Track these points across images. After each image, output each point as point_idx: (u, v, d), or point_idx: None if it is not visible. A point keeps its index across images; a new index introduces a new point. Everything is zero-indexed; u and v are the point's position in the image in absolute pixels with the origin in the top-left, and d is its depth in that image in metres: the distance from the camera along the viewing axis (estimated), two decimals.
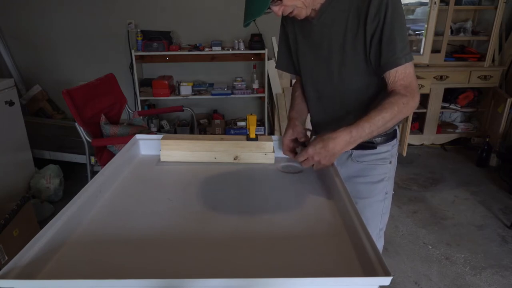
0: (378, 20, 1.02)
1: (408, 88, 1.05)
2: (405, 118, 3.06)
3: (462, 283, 2.05)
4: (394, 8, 1.02)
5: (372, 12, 1.02)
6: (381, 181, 1.26)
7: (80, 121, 2.22)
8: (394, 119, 1.04)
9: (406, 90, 1.05)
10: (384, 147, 1.23)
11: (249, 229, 0.87)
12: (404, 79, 1.05)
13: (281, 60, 1.38)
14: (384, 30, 1.02)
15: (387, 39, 1.03)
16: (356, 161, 1.25)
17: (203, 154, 1.24)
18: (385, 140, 1.22)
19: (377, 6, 1.01)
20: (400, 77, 1.05)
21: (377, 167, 1.25)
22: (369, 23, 1.03)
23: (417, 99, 1.06)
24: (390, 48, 1.04)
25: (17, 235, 1.94)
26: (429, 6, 3.29)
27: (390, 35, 1.02)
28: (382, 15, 1.02)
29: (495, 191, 3.03)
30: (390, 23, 1.02)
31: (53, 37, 3.62)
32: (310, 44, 1.20)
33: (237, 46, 3.57)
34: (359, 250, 0.75)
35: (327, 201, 1.00)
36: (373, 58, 1.08)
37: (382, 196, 1.28)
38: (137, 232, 0.86)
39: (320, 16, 1.12)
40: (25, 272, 0.67)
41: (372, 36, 1.05)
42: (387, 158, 1.25)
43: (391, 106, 1.02)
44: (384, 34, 1.03)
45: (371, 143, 1.20)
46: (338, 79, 1.16)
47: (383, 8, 1.01)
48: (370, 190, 1.26)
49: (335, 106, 1.22)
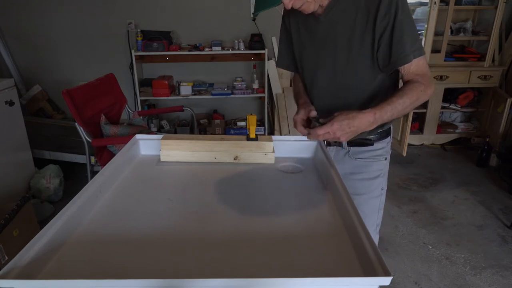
0: (388, 19, 1.06)
1: (424, 76, 1.10)
2: (405, 118, 3.07)
3: (462, 283, 2.05)
4: (403, 8, 1.06)
5: (382, 12, 1.05)
6: (377, 177, 1.30)
7: (80, 121, 2.22)
8: (412, 104, 1.08)
9: (422, 79, 1.09)
10: (379, 144, 1.27)
11: (249, 229, 0.87)
12: (418, 70, 1.10)
13: (282, 59, 1.39)
14: (395, 28, 1.06)
15: (397, 37, 1.07)
16: (353, 158, 1.29)
17: (203, 154, 1.24)
18: (380, 137, 1.26)
19: (387, 6, 1.05)
20: (414, 69, 1.10)
21: (373, 163, 1.29)
22: (378, 22, 1.07)
23: (433, 87, 1.11)
24: (400, 45, 1.07)
25: (17, 235, 1.94)
26: (429, 6, 3.30)
27: (400, 33, 1.06)
28: (392, 15, 1.05)
29: (495, 191, 3.03)
30: (400, 22, 1.06)
31: (53, 37, 3.62)
32: (315, 40, 1.21)
33: (237, 46, 3.57)
34: (359, 250, 0.75)
35: (327, 201, 1.00)
36: (382, 55, 1.11)
37: (379, 192, 1.33)
38: (137, 232, 0.86)
39: (328, 13, 1.15)
40: (25, 272, 0.67)
41: (381, 35, 1.08)
42: (383, 154, 1.29)
43: (410, 92, 1.07)
44: (394, 32, 1.06)
45: (368, 140, 1.24)
46: (342, 75, 1.19)
47: (393, 8, 1.04)
48: (367, 186, 1.30)
49: (338, 101, 1.23)
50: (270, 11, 1.10)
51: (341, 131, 1.02)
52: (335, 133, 1.02)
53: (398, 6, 1.04)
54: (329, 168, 1.09)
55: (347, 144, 1.28)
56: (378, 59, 1.12)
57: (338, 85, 1.21)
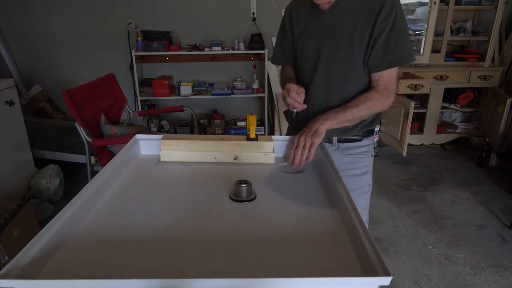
0: (386, 23, 1.13)
1: (386, 89, 1.21)
2: (405, 118, 3.07)
3: (462, 283, 2.05)
4: (401, 16, 1.14)
5: (383, 15, 1.13)
6: (366, 174, 1.37)
7: (80, 121, 2.22)
8: (366, 110, 1.20)
9: (384, 90, 1.20)
10: (366, 141, 1.35)
11: (249, 229, 0.87)
12: (386, 80, 1.21)
13: (276, 54, 1.44)
14: (392, 31, 1.14)
15: (389, 44, 1.15)
16: (344, 154, 1.35)
17: (203, 154, 1.24)
18: (366, 134, 1.35)
19: (388, 10, 1.13)
20: (384, 78, 1.21)
21: (361, 159, 1.36)
22: (377, 25, 1.14)
23: (391, 100, 1.23)
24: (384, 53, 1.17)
25: (17, 235, 1.94)
26: (429, 6, 3.30)
27: (396, 38, 1.15)
28: (391, 20, 1.13)
29: (495, 191, 3.03)
30: (397, 28, 1.14)
31: (53, 37, 3.62)
32: (318, 34, 1.25)
33: (237, 46, 3.57)
34: (359, 250, 0.75)
35: (327, 201, 1.00)
36: (373, 55, 1.19)
37: (367, 188, 1.39)
38: (137, 232, 0.86)
39: (333, 9, 1.20)
40: (25, 272, 0.67)
41: (376, 37, 1.15)
42: (369, 151, 1.37)
43: (364, 100, 1.19)
44: (390, 36, 1.14)
45: (357, 136, 1.33)
46: (340, 69, 1.23)
47: (393, 14, 1.13)
48: (356, 182, 1.35)
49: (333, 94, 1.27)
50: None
51: (304, 136, 1.11)
52: (301, 142, 1.10)
53: (398, 13, 1.13)
54: (329, 168, 1.09)
55: (336, 141, 1.34)
56: (370, 57, 1.19)
57: (336, 78, 1.25)
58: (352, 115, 1.18)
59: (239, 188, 0.99)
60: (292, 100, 1.21)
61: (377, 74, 1.21)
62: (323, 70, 1.26)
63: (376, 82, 1.22)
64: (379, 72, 1.20)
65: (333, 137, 1.33)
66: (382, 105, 1.21)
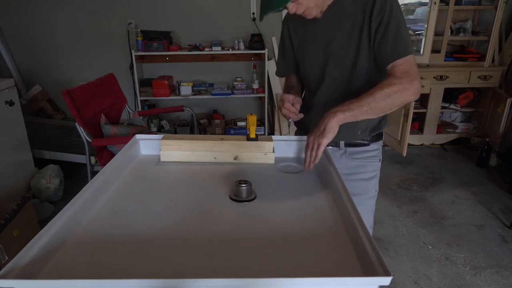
0: (382, 16, 1.10)
1: (405, 73, 1.09)
2: (405, 118, 3.06)
3: (462, 283, 2.05)
4: (396, 7, 1.11)
5: (377, 10, 1.11)
6: (373, 178, 1.35)
7: (80, 121, 2.22)
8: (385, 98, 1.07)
9: (403, 74, 1.09)
10: (374, 145, 1.32)
11: (249, 229, 0.87)
12: (403, 64, 1.10)
13: (280, 66, 1.44)
14: (390, 25, 1.10)
15: (392, 34, 1.11)
16: (351, 159, 1.32)
17: (203, 154, 1.24)
18: (374, 138, 1.31)
19: (381, 4, 1.10)
20: (399, 63, 1.11)
21: (368, 164, 1.33)
22: (374, 17, 1.11)
23: (416, 85, 1.09)
24: (390, 42, 1.11)
25: (17, 235, 1.94)
26: (429, 6, 3.30)
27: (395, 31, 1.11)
28: (387, 10, 1.10)
29: (495, 191, 3.03)
30: (393, 20, 1.10)
31: (53, 37, 3.62)
32: (315, 40, 1.25)
33: (237, 46, 3.57)
34: (359, 250, 0.75)
35: (327, 201, 1.00)
36: (376, 51, 1.15)
37: (373, 193, 1.37)
38: (137, 232, 0.86)
39: (327, 15, 1.19)
40: (25, 272, 0.67)
41: (376, 29, 1.12)
42: (377, 156, 1.35)
43: (381, 87, 1.07)
44: (388, 29, 1.11)
45: (365, 140, 1.29)
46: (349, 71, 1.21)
47: (388, 7, 1.10)
48: (363, 187, 1.34)
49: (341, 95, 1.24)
50: None
51: (314, 134, 1.06)
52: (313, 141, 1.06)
53: (393, 6, 1.10)
54: (329, 168, 1.09)
55: (344, 145, 1.31)
56: (377, 52, 1.15)
57: (345, 80, 1.23)
58: (368, 105, 1.05)
59: (239, 188, 0.99)
60: (286, 110, 1.21)
61: (390, 65, 1.12)
62: (331, 76, 1.24)
63: (391, 71, 1.11)
64: (391, 63, 1.11)
65: (340, 141, 1.31)
66: (406, 91, 1.07)
